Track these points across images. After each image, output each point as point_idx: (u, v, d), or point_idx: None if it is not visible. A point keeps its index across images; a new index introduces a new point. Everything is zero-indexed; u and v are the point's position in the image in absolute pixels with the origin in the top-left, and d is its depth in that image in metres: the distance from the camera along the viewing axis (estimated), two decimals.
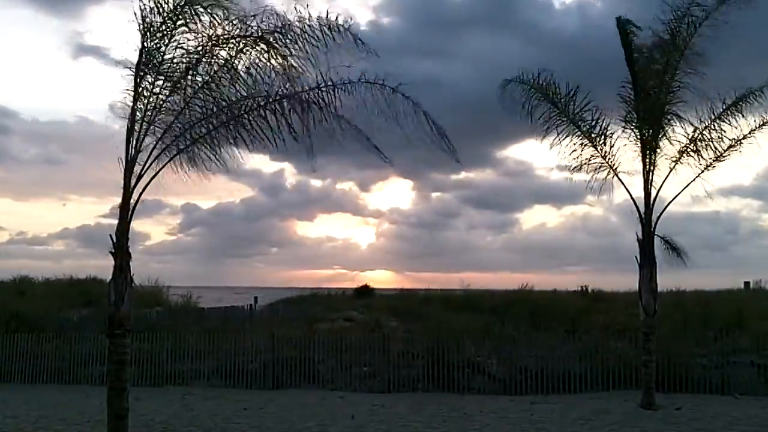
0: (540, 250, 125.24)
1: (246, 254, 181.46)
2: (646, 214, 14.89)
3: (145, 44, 8.68)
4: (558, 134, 15.31)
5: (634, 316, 15.69)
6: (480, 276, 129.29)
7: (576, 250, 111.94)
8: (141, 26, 8.65)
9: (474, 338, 17.96)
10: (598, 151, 15.30)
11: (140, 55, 8.69)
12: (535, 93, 15.10)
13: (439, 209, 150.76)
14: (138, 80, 8.69)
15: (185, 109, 8.99)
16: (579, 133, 15.27)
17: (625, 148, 15.21)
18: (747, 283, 28.69)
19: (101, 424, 8.80)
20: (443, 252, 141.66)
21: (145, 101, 8.75)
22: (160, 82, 8.83)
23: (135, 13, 8.59)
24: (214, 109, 9.02)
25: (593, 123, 15.22)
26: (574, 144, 15.37)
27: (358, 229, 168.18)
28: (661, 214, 14.97)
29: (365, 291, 30.92)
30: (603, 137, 15.27)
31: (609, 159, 15.29)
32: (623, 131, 15.22)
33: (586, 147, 15.37)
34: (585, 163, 15.46)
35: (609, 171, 15.32)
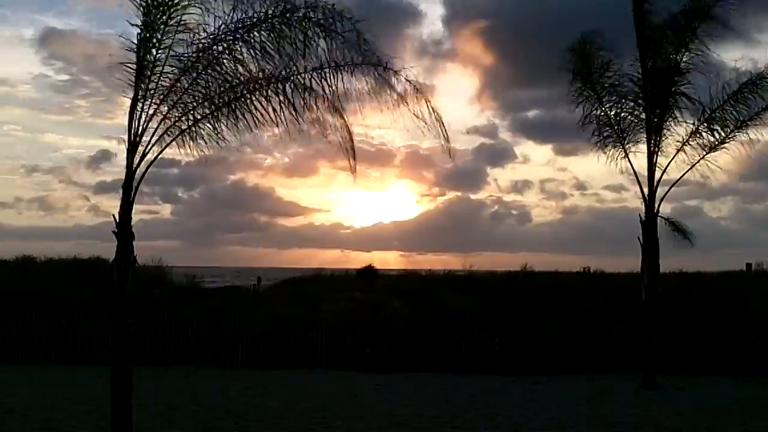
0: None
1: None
2: (650, 194, 14.86)
3: (147, 19, 8.55)
4: (582, 109, 15.48)
5: (636, 296, 15.72)
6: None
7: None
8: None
9: (477, 318, 18.01)
10: (614, 130, 15.35)
11: (142, 30, 8.57)
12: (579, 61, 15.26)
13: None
14: (141, 56, 8.57)
15: (189, 88, 8.89)
16: (601, 110, 15.38)
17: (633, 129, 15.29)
18: (749, 265, 28.66)
19: (105, 403, 8.83)
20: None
21: (147, 80, 8.64)
22: (162, 60, 8.71)
23: None
24: (219, 89, 8.93)
25: (615, 100, 15.32)
26: (595, 121, 15.51)
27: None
28: (665, 195, 14.97)
29: (369, 272, 30.84)
30: (619, 116, 15.34)
31: (622, 138, 15.37)
32: (631, 111, 15.21)
33: (604, 126, 15.47)
34: (603, 140, 15.57)
35: (621, 150, 15.35)
